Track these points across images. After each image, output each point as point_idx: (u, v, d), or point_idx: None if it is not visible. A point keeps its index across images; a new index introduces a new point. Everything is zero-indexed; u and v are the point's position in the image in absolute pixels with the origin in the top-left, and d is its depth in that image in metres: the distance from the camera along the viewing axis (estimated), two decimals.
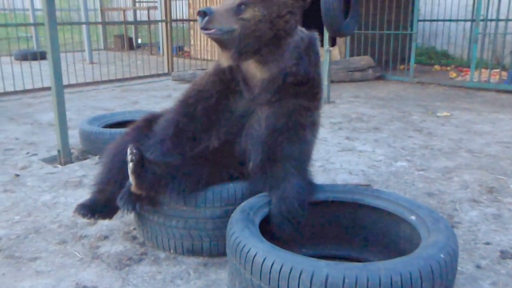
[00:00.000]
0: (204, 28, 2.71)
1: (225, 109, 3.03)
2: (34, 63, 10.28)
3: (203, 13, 2.70)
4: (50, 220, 3.64)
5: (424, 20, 13.81)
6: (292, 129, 2.92)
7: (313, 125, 3.09)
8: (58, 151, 4.95)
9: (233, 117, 3.02)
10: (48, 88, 6.26)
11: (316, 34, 3.09)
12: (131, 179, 2.79)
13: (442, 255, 2.16)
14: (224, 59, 2.93)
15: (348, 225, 3.01)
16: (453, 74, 10.91)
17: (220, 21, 2.71)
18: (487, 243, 3.29)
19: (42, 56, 12.35)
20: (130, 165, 2.74)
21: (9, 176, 4.60)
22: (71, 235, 3.40)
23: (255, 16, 2.75)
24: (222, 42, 2.81)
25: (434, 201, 3.98)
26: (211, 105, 3.03)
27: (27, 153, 5.37)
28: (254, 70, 2.92)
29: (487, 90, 9.29)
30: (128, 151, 2.75)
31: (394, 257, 2.22)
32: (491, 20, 10.04)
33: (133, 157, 2.73)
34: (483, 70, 9.89)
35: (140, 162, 2.77)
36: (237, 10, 2.75)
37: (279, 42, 2.84)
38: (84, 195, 3.84)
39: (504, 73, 9.79)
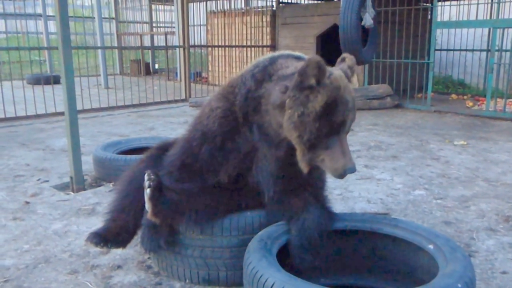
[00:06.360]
0: None
1: (231, 149, 2.90)
2: (47, 87, 10.28)
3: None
4: (61, 249, 3.56)
5: (441, 50, 13.93)
6: None
7: None
8: (71, 177, 4.89)
9: (240, 155, 2.90)
10: (61, 113, 6.23)
11: None
12: (148, 206, 2.72)
13: (459, 285, 2.15)
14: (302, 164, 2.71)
15: (366, 254, 2.97)
16: (469, 103, 10.85)
17: None
18: (504, 272, 3.24)
19: (55, 80, 12.39)
20: (148, 191, 2.67)
21: (19, 203, 4.52)
22: (82, 265, 3.32)
23: None
24: None
25: (452, 229, 3.93)
26: (216, 146, 2.91)
27: (38, 179, 5.30)
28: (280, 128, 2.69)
29: (502, 119, 9.24)
30: (146, 177, 2.69)
31: (412, 286, 2.20)
32: (506, 50, 10.06)
33: (151, 183, 2.66)
34: (498, 99, 9.85)
35: (158, 189, 2.71)
36: None
37: None
38: (97, 223, 3.78)
39: None
